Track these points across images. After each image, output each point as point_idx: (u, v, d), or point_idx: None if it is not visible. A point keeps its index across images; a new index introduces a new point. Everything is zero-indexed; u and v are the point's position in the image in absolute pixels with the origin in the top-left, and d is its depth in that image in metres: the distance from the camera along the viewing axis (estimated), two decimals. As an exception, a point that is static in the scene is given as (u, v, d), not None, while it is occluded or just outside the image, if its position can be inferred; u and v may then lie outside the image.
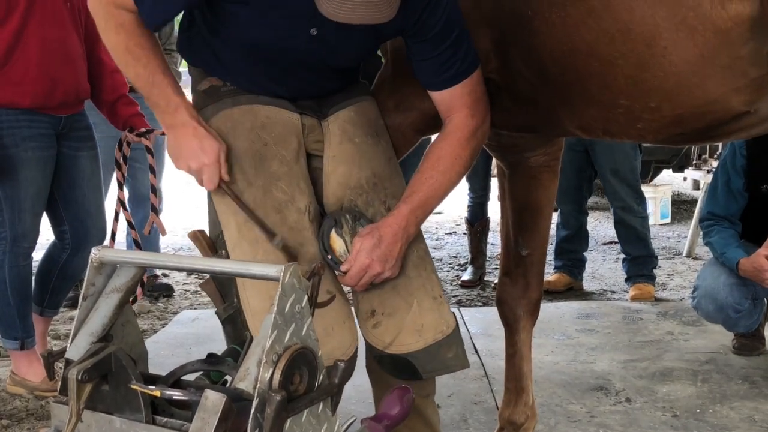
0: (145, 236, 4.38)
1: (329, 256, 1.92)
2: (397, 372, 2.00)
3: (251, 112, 2.00)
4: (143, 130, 3.01)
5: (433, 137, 2.70)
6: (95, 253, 1.57)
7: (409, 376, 1.96)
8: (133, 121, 3.13)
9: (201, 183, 1.90)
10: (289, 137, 2.01)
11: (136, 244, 3.23)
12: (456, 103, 1.99)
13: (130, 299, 1.62)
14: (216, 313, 2.11)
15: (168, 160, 4.06)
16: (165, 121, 1.89)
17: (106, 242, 3.44)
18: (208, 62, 2.05)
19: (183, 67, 5.23)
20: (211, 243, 2.09)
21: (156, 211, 3.10)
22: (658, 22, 1.64)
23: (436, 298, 2.01)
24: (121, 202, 3.08)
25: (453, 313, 2.05)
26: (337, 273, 1.95)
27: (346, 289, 2.05)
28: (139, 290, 3.65)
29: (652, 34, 1.66)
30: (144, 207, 4.30)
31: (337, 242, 1.93)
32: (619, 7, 1.68)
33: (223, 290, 2.09)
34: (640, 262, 4.57)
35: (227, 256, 1.98)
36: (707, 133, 1.87)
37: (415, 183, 1.98)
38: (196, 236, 2.11)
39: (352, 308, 2.02)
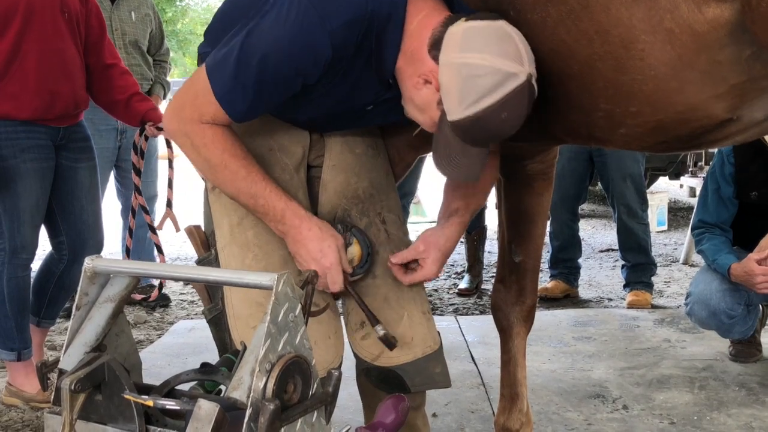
0: (141, 244, 4.39)
1: None
2: (384, 384, 2.00)
3: (260, 120, 2.00)
4: (161, 124, 3.08)
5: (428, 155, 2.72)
6: (88, 262, 1.57)
7: (397, 389, 1.95)
8: (151, 115, 3.15)
9: (323, 285, 1.85)
10: (295, 147, 2.02)
11: (157, 248, 3.25)
12: None
13: (149, 297, 1.62)
14: (202, 312, 2.13)
15: (162, 167, 4.09)
16: (278, 228, 1.84)
17: (124, 240, 3.47)
18: None
19: (171, 77, 5.27)
20: (205, 239, 2.11)
21: (171, 205, 3.11)
22: (635, 24, 1.61)
23: (425, 313, 2.02)
24: (137, 188, 3.10)
25: (438, 331, 2.06)
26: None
27: (338, 300, 2.05)
28: (155, 292, 3.68)
29: (629, 36, 1.64)
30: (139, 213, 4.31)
31: None
32: (597, 8, 1.65)
33: (211, 290, 2.10)
34: (639, 269, 4.57)
35: (217, 255, 1.99)
36: (691, 140, 1.85)
37: (467, 195, 2.03)
38: (192, 231, 2.12)
39: (342, 320, 2.03)
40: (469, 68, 1.64)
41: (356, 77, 1.79)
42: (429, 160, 3.95)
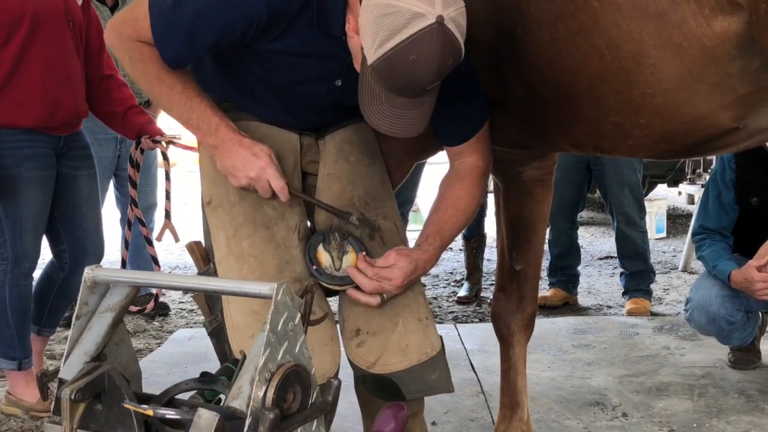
0: (141, 253, 4.39)
1: (314, 267, 1.93)
2: (380, 392, 2.00)
3: (249, 127, 2.01)
4: (158, 137, 3.10)
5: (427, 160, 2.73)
6: (88, 272, 1.57)
7: (393, 397, 1.96)
8: (148, 128, 3.16)
9: (265, 190, 1.89)
10: (286, 155, 2.03)
11: (153, 260, 3.25)
12: (468, 149, 2.02)
13: (145, 308, 1.62)
14: (203, 324, 2.14)
15: (161, 178, 4.09)
16: (209, 142, 1.89)
17: (120, 251, 3.48)
18: (215, 85, 2.04)
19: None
20: (206, 254, 2.13)
21: (169, 217, 3.13)
22: (645, 39, 1.63)
23: (421, 319, 2.01)
24: (133, 200, 3.11)
25: (440, 336, 2.05)
26: (323, 281, 1.96)
27: (333, 307, 2.05)
28: (151, 303, 3.68)
29: (639, 51, 1.66)
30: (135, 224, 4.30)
31: (323, 256, 1.95)
32: (608, 24, 1.67)
33: (211, 302, 2.11)
34: (638, 276, 4.58)
35: (215, 268, 2.00)
36: (697, 148, 1.88)
37: (441, 221, 2.01)
38: (192, 247, 2.16)
39: (338, 327, 2.03)
40: (380, 8, 1.64)
41: (306, 37, 1.81)
42: (428, 167, 3.96)
